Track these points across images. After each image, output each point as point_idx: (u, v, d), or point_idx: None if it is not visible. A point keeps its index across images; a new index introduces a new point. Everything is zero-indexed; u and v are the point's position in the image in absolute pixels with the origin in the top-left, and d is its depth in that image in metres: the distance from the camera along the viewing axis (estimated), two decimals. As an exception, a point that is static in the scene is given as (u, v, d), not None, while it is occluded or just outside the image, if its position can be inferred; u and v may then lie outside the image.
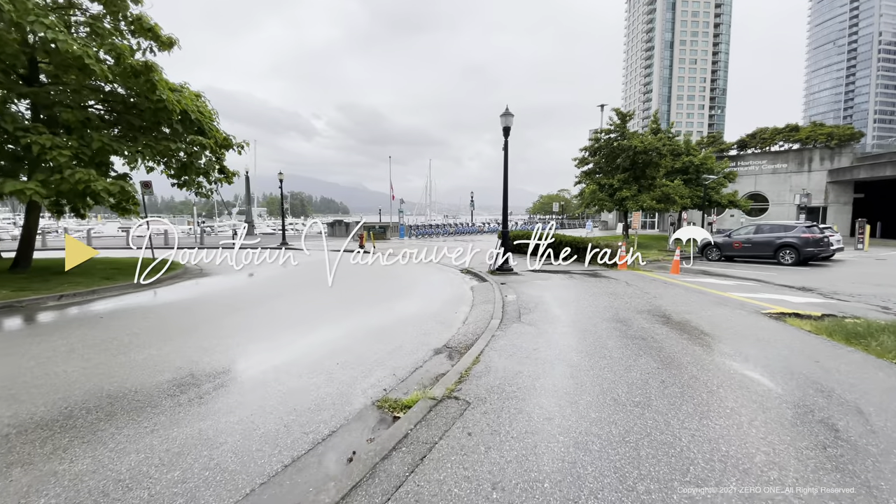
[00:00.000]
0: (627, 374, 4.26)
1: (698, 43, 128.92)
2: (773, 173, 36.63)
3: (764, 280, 12.04)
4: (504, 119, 11.74)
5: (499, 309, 7.41)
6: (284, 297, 9.21)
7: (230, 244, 22.34)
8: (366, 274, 13.39)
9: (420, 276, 13.03)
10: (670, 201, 24.66)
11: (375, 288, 10.53)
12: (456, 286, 10.76)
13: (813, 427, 3.23)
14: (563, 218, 58.76)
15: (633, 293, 9.23)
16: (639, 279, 11.46)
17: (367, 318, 7.17)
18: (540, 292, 9.32)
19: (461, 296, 9.34)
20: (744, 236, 17.64)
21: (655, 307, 7.69)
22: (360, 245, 23.05)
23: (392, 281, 11.88)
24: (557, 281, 11.02)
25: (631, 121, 26.12)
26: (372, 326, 6.55)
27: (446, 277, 12.45)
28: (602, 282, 10.96)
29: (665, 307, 7.69)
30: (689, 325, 6.42)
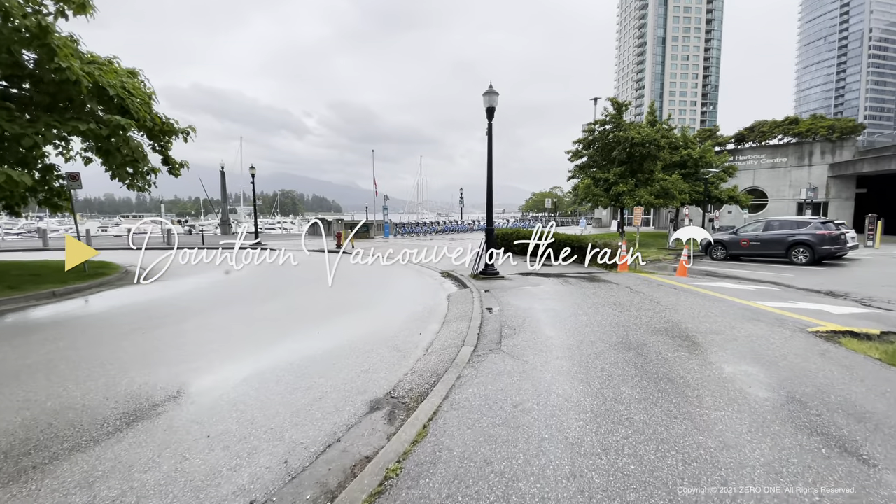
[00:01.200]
0: (663, 461, 2.63)
1: (690, 39, 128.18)
2: (772, 168, 35.34)
3: (783, 283, 10.54)
4: (487, 98, 10.07)
5: (475, 329, 5.75)
6: (209, 313, 7.47)
7: (216, 244, 20.53)
8: (325, 278, 11.69)
9: (392, 280, 11.35)
10: (669, 196, 23.16)
11: (332, 298, 8.83)
12: (430, 294, 9.10)
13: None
14: (555, 215, 57.33)
15: (641, 303, 7.63)
16: (643, 284, 9.87)
17: (299, 344, 5.47)
18: (529, 303, 7.67)
19: (433, 308, 7.67)
20: (752, 233, 16.17)
21: (673, 324, 6.08)
22: (336, 245, 21.30)
23: (356, 288, 10.17)
24: (550, 287, 9.40)
25: (626, 111, 24.58)
26: (299, 359, 4.84)
27: (421, 283, 10.79)
28: (602, 287, 9.35)
29: (684, 324, 6.08)
30: (724, 350, 4.81)
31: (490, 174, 10.51)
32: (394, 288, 10.14)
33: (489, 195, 10.62)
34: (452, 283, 10.61)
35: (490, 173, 10.50)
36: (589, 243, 13.47)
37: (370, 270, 13.67)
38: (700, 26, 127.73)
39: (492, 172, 10.49)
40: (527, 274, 11.44)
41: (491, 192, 10.61)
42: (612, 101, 24.20)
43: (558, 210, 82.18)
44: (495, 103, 10.11)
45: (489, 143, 10.35)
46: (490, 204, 10.68)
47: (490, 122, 10.25)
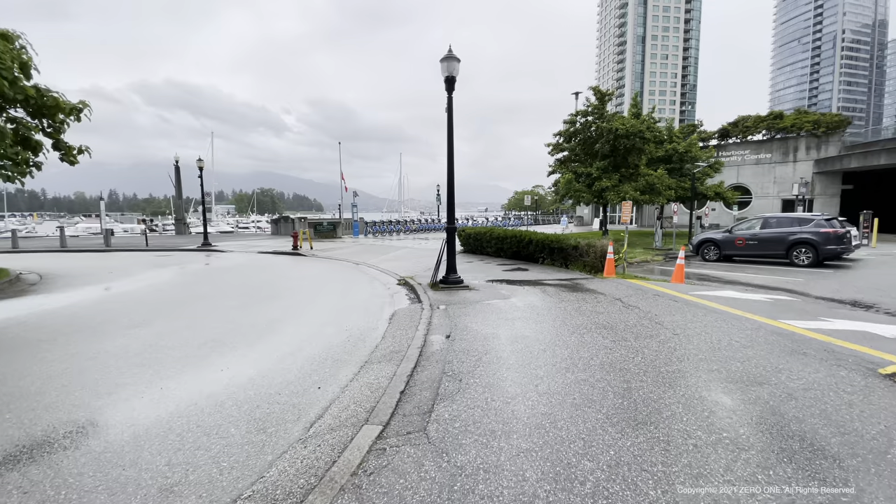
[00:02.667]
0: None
1: (669, 38, 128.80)
2: (757, 164, 34.35)
3: (796, 290, 8.92)
4: (446, 65, 8.10)
5: (401, 378, 3.80)
6: (45, 345, 5.33)
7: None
8: (255, 288, 9.57)
9: (331, 291, 9.31)
10: (655, 192, 21.64)
11: (236, 319, 6.76)
12: (370, 312, 7.11)
13: None
14: (537, 214, 55.81)
15: (639, 324, 5.78)
16: (636, 294, 8.07)
17: (104, 413, 3.43)
18: (493, 326, 5.75)
19: (361, 336, 5.68)
20: (748, 232, 14.63)
21: (692, 364, 4.23)
22: (293, 245, 19.10)
23: (278, 302, 8.11)
24: (523, 300, 7.51)
25: (610, 101, 22.97)
26: (77, 453, 2.82)
27: (368, 294, 8.79)
28: (588, 300, 7.50)
29: (707, 364, 4.24)
30: (787, 429, 2.96)
31: (451, 160, 8.56)
32: (327, 302, 8.11)
33: (450, 186, 8.67)
34: (406, 294, 8.64)
35: (451, 159, 8.55)
36: (571, 244, 11.65)
37: (314, 276, 11.60)
38: (679, 26, 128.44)
39: (453, 158, 8.55)
40: (498, 281, 9.55)
41: (452, 181, 8.65)
42: (594, 91, 22.57)
43: (540, 208, 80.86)
44: (455, 71, 8.16)
45: (449, 121, 8.39)
46: (451, 198, 8.72)
47: (450, 95, 8.30)
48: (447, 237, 8.81)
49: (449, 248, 8.79)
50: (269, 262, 15.21)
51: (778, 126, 33.83)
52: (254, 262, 15.46)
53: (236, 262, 15.19)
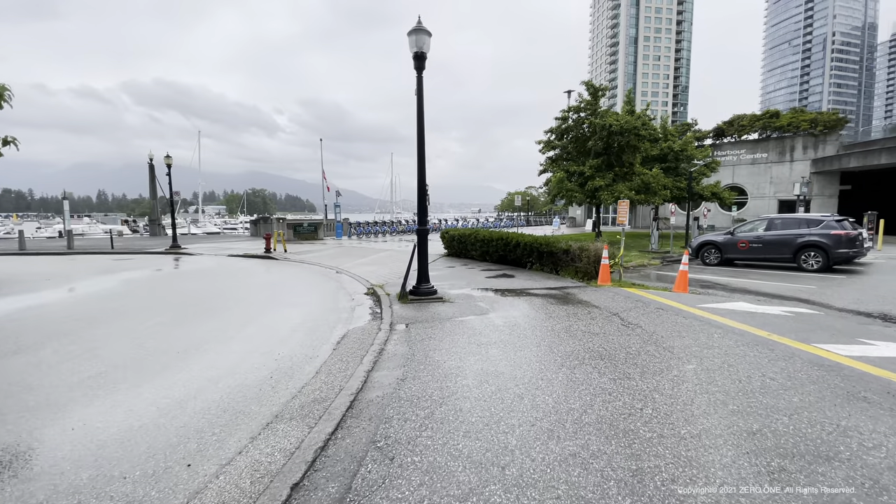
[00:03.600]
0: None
1: (661, 40, 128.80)
2: (753, 164, 33.53)
3: (815, 301, 7.84)
4: (414, 39, 6.90)
5: (302, 461, 2.59)
6: None
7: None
8: (201, 298, 8.29)
9: (285, 302, 8.04)
10: (651, 192, 20.62)
11: (149, 343, 5.50)
12: (316, 334, 5.86)
13: None
14: (529, 215, 54.80)
15: (643, 350, 4.62)
16: (637, 308, 6.91)
17: None
18: (459, 357, 4.54)
19: (288, 371, 4.43)
20: (752, 234, 13.60)
21: (724, 422, 3.07)
22: (266, 247, 17.81)
23: (211, 320, 6.85)
24: (503, 316, 6.32)
25: (603, 97, 21.92)
26: None
27: (325, 307, 7.54)
28: (581, 316, 6.32)
29: (740, 423, 3.07)
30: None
31: (422, 152, 7.36)
32: (273, 318, 6.85)
33: (421, 180, 7.46)
34: (370, 306, 7.42)
35: (421, 151, 7.35)
36: (561, 248, 10.50)
37: (274, 284, 10.34)
38: (671, 27, 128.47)
39: (423, 150, 7.35)
40: (478, 290, 8.36)
41: (423, 176, 7.45)
42: (586, 86, 21.50)
43: (533, 209, 79.86)
44: (426, 46, 6.96)
45: (419, 107, 7.19)
46: (423, 193, 7.51)
47: (420, 74, 7.10)
48: (418, 240, 7.59)
49: (420, 254, 7.58)
50: (234, 267, 13.91)
51: (774, 125, 33.06)
52: (218, 266, 14.15)
53: (198, 267, 13.87)
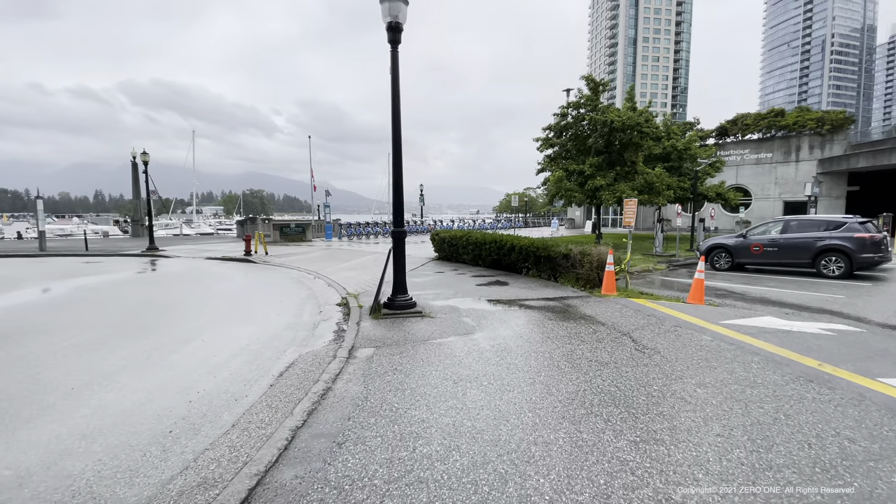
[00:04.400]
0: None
1: (661, 41, 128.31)
2: (757, 164, 32.55)
3: (847, 313, 6.80)
4: (388, 7, 5.82)
5: None
6: None
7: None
8: (148, 311, 7.17)
9: (240, 317, 6.91)
10: (654, 192, 19.57)
11: (45, 373, 4.42)
12: (256, 363, 4.75)
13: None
14: (527, 216, 53.72)
15: (668, 390, 3.53)
16: (650, 325, 5.84)
17: None
18: (426, 406, 3.45)
19: (192, 427, 3.33)
20: (766, 237, 12.57)
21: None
22: (245, 250, 16.72)
23: (145, 339, 5.76)
24: (491, 338, 5.24)
25: (604, 93, 20.89)
26: None
27: (284, 322, 6.43)
28: (584, 337, 5.24)
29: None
30: None
31: (397, 139, 6.27)
32: (216, 337, 5.74)
33: (396, 174, 6.37)
34: (336, 322, 6.32)
35: (397, 138, 6.27)
36: (560, 252, 9.42)
37: (240, 292, 9.25)
38: (670, 28, 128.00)
39: (399, 136, 6.26)
40: (469, 300, 7.29)
41: (400, 169, 6.36)
42: (586, 80, 20.44)
43: (531, 210, 78.79)
44: (402, 16, 5.89)
45: (394, 86, 6.11)
46: (398, 190, 6.41)
47: (394, 49, 6.02)
48: (394, 245, 6.51)
49: (396, 260, 6.49)
50: (205, 272, 12.81)
51: (779, 124, 32.09)
52: (188, 270, 13.05)
53: (165, 272, 12.77)
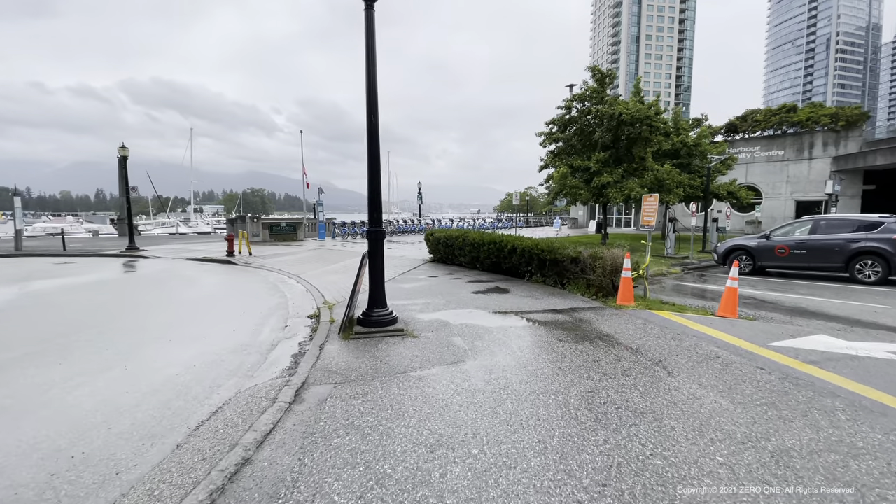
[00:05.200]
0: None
1: (664, 39, 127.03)
2: (768, 161, 31.33)
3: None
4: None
5: None
6: None
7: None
8: (85, 323, 6.02)
9: (192, 333, 5.76)
10: (664, 190, 18.41)
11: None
12: (177, 404, 3.62)
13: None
14: (528, 215, 52.54)
15: (732, 457, 2.42)
16: (683, 347, 4.70)
17: None
18: (378, 495, 2.37)
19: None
20: (792, 238, 11.44)
21: None
22: (228, 250, 15.63)
23: (57, 365, 4.64)
24: (486, 368, 4.10)
25: (610, 85, 19.75)
26: None
27: (236, 342, 5.27)
28: (605, 366, 4.09)
29: None
30: None
31: (373, 99, 5.13)
32: (141, 363, 4.60)
33: (373, 160, 5.23)
34: (299, 342, 5.20)
35: (372, 98, 5.13)
36: (568, 255, 8.28)
37: (205, 298, 8.11)
38: (673, 26, 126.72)
39: (376, 116, 5.14)
40: (463, 312, 6.17)
41: (377, 154, 5.22)
42: (592, 71, 19.29)
43: (533, 210, 77.50)
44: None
45: (369, 52, 4.98)
46: (375, 179, 5.26)
47: (370, 11, 4.90)
48: (370, 248, 5.37)
49: (374, 266, 5.36)
50: (178, 275, 11.70)
51: (791, 120, 30.92)
52: (158, 273, 11.94)
53: (134, 275, 11.67)
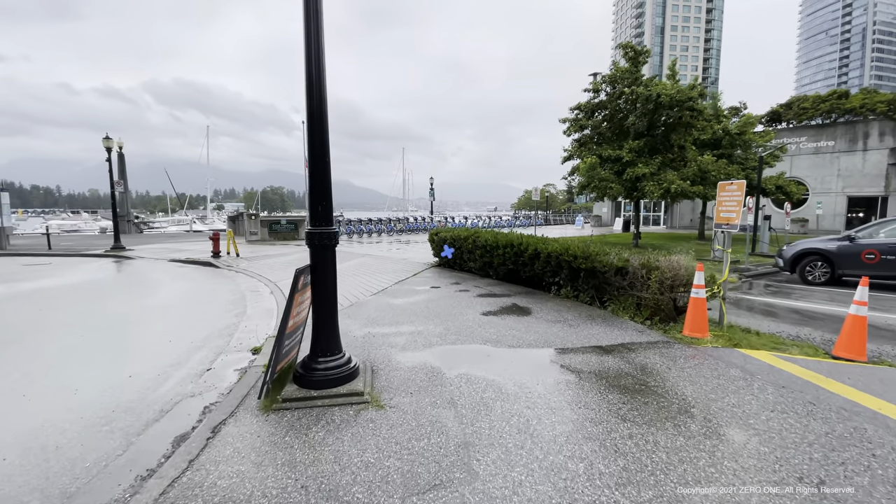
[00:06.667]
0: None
1: (690, 29, 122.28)
2: (815, 153, 28.35)
3: None
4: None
5: None
6: None
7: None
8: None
9: (80, 376, 3.92)
10: (708, 183, 16.06)
11: None
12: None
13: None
14: (548, 213, 50.07)
15: None
16: (842, 439, 2.62)
17: None
18: None
19: None
20: (884, 240, 9.13)
21: None
22: (213, 250, 13.95)
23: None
24: (503, 497, 2.15)
25: (645, 64, 17.44)
26: None
27: (113, 402, 3.43)
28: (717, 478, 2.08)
29: None
30: None
31: (313, 55, 3.16)
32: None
33: (314, 133, 3.25)
34: (212, 401, 3.32)
35: (313, 55, 3.15)
36: (611, 264, 6.17)
37: (149, 311, 6.28)
38: (700, 16, 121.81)
39: (322, 65, 3.15)
40: (464, 350, 4.20)
41: (323, 126, 3.24)
42: (624, 49, 17.00)
43: (551, 207, 74.78)
44: None
45: None
46: (321, 159, 3.29)
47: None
48: (312, 260, 3.38)
49: (319, 292, 3.38)
50: (142, 280, 10.06)
51: (842, 107, 27.91)
52: (127, 277, 10.36)
53: (96, 279, 10.03)
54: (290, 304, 3.16)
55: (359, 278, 9.17)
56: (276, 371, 3.24)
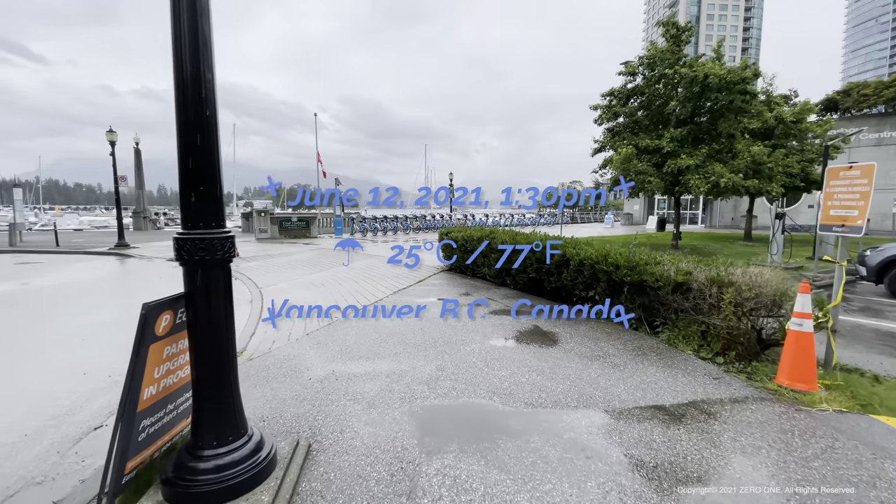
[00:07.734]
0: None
1: (727, 18, 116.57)
2: (878, 145, 25.51)
3: None
4: None
5: None
6: None
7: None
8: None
9: None
10: (763, 176, 14.06)
11: None
12: None
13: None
14: (574, 210, 47.86)
15: None
16: None
17: None
18: None
19: None
20: None
21: None
22: (210, 251, 12.93)
23: None
24: None
25: (687, 44, 15.53)
26: None
27: None
28: None
29: None
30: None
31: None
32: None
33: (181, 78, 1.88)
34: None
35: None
36: (669, 277, 4.62)
37: (99, 327, 5.16)
38: (738, 4, 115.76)
39: None
40: (461, 412, 2.83)
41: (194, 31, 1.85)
42: (665, 27, 15.17)
43: (576, 206, 72.15)
44: None
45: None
46: (194, 81, 1.93)
47: None
48: (186, 287, 2.03)
49: (198, 344, 2.02)
50: (124, 281, 9.10)
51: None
52: (112, 278, 9.45)
53: (77, 280, 9.10)
54: (142, 360, 1.82)
55: (354, 285, 7.87)
56: (127, 472, 1.91)
